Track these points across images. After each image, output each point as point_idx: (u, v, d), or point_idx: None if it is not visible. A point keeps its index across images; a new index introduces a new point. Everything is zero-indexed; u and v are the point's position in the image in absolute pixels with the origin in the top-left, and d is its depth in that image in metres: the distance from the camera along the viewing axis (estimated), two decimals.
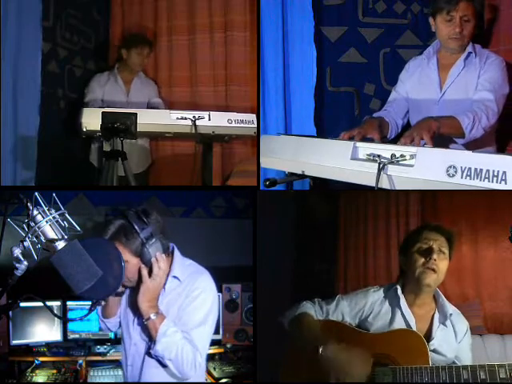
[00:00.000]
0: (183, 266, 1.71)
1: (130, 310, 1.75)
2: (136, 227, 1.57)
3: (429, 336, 1.79)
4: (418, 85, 2.47)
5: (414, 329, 1.78)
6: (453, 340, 1.81)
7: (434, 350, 1.75)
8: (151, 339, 1.60)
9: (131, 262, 1.59)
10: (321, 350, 1.74)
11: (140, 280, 1.61)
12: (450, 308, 1.83)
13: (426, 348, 1.70)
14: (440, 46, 2.43)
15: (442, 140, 2.07)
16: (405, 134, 2.05)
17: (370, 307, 1.86)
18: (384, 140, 2.31)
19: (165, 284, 1.66)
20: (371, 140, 2.11)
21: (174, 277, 1.68)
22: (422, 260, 1.79)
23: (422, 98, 2.44)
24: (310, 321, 1.87)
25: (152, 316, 1.58)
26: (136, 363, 1.71)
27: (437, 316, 1.82)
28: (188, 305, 1.64)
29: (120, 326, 1.82)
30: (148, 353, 1.64)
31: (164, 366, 1.62)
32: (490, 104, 2.19)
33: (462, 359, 1.81)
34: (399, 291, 1.84)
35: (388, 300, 1.86)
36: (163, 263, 1.62)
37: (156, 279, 1.61)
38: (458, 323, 1.83)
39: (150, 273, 1.61)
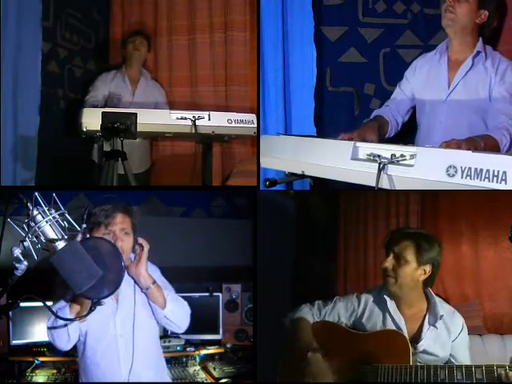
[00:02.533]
0: None
1: (110, 302, 1.75)
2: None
3: (418, 337, 1.81)
4: (426, 83, 2.46)
5: (404, 329, 1.81)
6: (446, 339, 1.81)
7: (423, 351, 1.77)
8: (160, 305, 1.78)
9: (131, 236, 1.78)
10: (308, 354, 1.81)
11: (141, 252, 1.79)
12: (442, 309, 1.83)
13: (407, 347, 1.72)
14: (450, 42, 2.41)
15: None
16: (451, 140, 1.84)
17: (362, 309, 1.92)
18: (383, 139, 2.30)
19: None
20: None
21: None
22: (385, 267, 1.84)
23: (430, 97, 2.43)
24: (304, 327, 1.92)
25: (151, 285, 1.77)
26: (127, 356, 1.75)
27: (427, 317, 1.83)
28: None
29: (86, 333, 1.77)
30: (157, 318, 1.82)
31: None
32: None
33: (457, 357, 1.81)
34: (386, 293, 1.88)
35: (377, 302, 1.90)
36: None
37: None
38: (451, 323, 1.84)
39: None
